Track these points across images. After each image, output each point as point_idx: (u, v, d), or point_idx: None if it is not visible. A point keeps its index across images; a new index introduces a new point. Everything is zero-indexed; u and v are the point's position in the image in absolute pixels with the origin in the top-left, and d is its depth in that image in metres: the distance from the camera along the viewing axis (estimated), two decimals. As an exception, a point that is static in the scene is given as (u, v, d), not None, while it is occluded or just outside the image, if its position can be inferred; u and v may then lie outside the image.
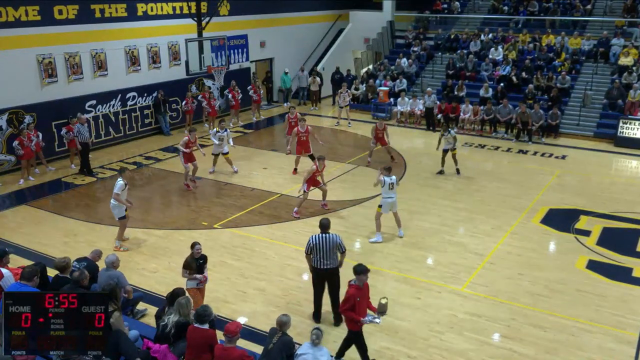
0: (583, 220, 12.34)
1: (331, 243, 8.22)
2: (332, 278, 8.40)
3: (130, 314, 8.44)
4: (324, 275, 8.37)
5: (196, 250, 8.29)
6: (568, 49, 21.90)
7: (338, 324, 8.44)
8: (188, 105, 19.68)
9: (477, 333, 8.26)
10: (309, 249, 8.33)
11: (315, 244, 8.23)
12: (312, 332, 6.38)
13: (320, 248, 8.22)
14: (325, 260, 8.26)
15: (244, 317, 8.72)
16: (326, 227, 8.38)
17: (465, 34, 24.28)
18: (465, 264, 10.37)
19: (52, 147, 16.25)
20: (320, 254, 8.25)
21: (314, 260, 8.33)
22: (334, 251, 8.26)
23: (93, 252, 8.46)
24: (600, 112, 19.53)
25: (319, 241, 8.23)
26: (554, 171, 15.70)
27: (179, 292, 7.02)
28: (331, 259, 8.27)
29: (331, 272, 8.34)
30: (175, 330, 6.56)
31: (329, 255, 8.25)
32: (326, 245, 8.21)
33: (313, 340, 6.31)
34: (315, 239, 8.26)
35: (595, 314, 8.79)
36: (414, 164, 16.30)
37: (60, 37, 16.56)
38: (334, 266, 8.34)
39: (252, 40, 21.45)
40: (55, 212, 13.02)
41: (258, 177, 15.23)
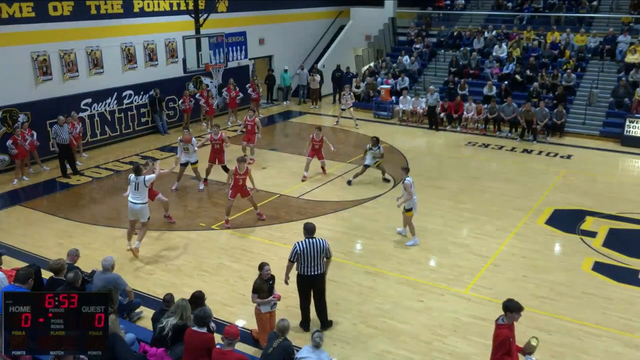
0: (589, 221, 12.33)
1: (319, 248, 7.98)
2: (319, 284, 8.22)
3: (127, 317, 8.44)
4: (310, 282, 8.15)
5: (265, 272, 7.65)
6: (573, 46, 21.89)
7: (326, 328, 8.34)
8: (185, 103, 19.68)
9: (481, 337, 8.24)
10: (294, 256, 7.99)
11: (302, 251, 7.93)
12: (314, 335, 6.36)
13: (308, 254, 7.94)
14: (311, 266, 8.00)
15: (242, 320, 8.72)
16: (312, 232, 8.11)
17: (468, 30, 24.28)
18: (469, 266, 10.36)
19: (47, 147, 16.21)
20: (307, 261, 7.97)
21: (300, 267, 8.05)
22: (321, 257, 8.03)
23: (69, 254, 8.36)
24: (606, 110, 19.52)
25: (306, 247, 7.93)
26: (559, 171, 15.70)
27: (199, 296, 6.99)
28: (318, 265, 8.04)
29: (318, 278, 8.14)
30: (172, 334, 6.55)
31: (316, 262, 8.00)
32: (313, 250, 7.96)
33: (317, 342, 6.29)
34: (302, 245, 7.95)
35: (602, 317, 8.78)
36: (416, 164, 16.27)
37: (55, 34, 16.57)
38: (321, 272, 8.13)
39: (251, 37, 21.51)
40: (49, 212, 13.01)
41: (257, 177, 15.19)
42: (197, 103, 20.01)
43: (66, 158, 15.29)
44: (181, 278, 9.97)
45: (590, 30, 22.71)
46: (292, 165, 16.05)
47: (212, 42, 17.17)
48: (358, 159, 16.63)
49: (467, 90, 20.96)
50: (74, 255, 8.39)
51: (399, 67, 23.44)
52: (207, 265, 10.43)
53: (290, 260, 8.08)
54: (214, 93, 20.74)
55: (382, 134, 19.31)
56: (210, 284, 9.73)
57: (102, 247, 11.09)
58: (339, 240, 11.47)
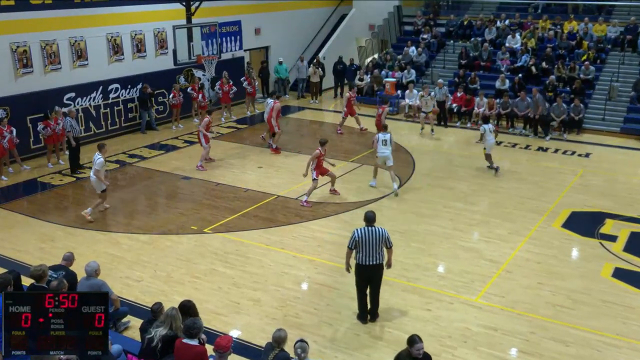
0: (609, 224, 12.34)
1: (378, 237, 8.29)
2: (376, 275, 8.53)
3: (113, 327, 8.44)
4: (369, 272, 8.46)
5: (416, 350, 6.36)
6: (592, 37, 21.89)
7: (374, 320, 8.74)
8: (176, 98, 19.68)
9: (493, 348, 8.25)
10: (352, 243, 8.35)
11: (360, 238, 8.26)
12: (297, 346, 6.31)
13: (366, 242, 8.27)
14: (370, 256, 8.34)
15: (237, 331, 8.72)
16: (372, 220, 8.44)
17: (479, 20, 24.27)
18: (480, 272, 10.36)
19: (27, 144, 16.25)
20: (366, 249, 8.30)
21: (358, 257, 8.39)
22: (380, 246, 8.33)
23: (65, 257, 8.44)
24: (627, 105, 19.53)
25: (365, 234, 8.28)
26: (577, 170, 15.70)
27: (188, 305, 7.03)
28: (377, 255, 8.36)
29: (376, 268, 8.44)
30: (162, 345, 6.55)
31: (375, 251, 8.32)
32: (373, 239, 8.27)
33: (299, 354, 6.26)
34: (360, 232, 8.30)
35: (623, 327, 8.78)
36: (423, 163, 16.30)
37: (36, 24, 16.56)
38: (380, 262, 8.43)
39: (247, 26, 21.50)
40: (30, 215, 13.02)
41: (252, 176, 15.24)
42: (188, 97, 19.99)
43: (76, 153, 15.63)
44: (171, 285, 9.97)
45: (610, 19, 22.73)
46: (291, 164, 16.05)
47: (204, 32, 17.19)
48: (362, 156, 16.64)
49: (479, 84, 20.97)
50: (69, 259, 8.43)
51: (405, 58, 23.44)
52: (199, 271, 10.44)
53: (349, 247, 8.46)
54: (206, 87, 20.75)
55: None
56: (202, 291, 9.74)
57: (86, 250, 11.10)
58: (340, 244, 11.44)
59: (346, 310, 9.17)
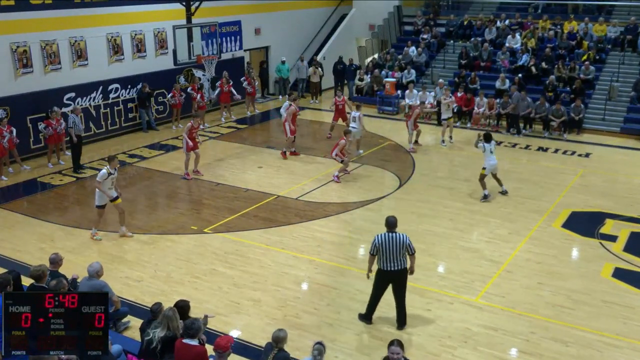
0: (609, 224, 12.34)
1: (399, 243, 8.30)
2: (400, 279, 8.54)
3: (113, 327, 8.44)
4: (391, 277, 8.48)
5: (390, 352, 6.32)
6: (592, 37, 21.89)
7: (402, 327, 8.64)
8: (175, 98, 19.67)
9: (493, 348, 8.25)
10: (373, 249, 8.38)
11: (380, 244, 8.29)
12: (314, 347, 6.34)
13: (387, 248, 8.29)
14: (392, 262, 8.34)
15: (237, 331, 8.72)
16: (393, 226, 8.45)
17: (479, 20, 24.27)
18: (480, 272, 10.36)
19: (27, 144, 16.24)
20: (387, 255, 8.31)
21: (380, 262, 8.41)
22: (401, 252, 8.35)
23: (51, 259, 8.36)
24: (627, 105, 19.52)
25: (386, 240, 8.30)
26: (577, 170, 15.70)
27: (183, 306, 7.01)
28: (399, 261, 8.37)
29: (399, 273, 8.45)
30: (162, 346, 6.54)
31: (396, 257, 8.32)
32: (393, 245, 8.29)
33: (315, 356, 6.27)
34: (380, 238, 8.32)
35: (623, 327, 8.77)
36: (423, 163, 16.29)
37: (36, 24, 16.56)
38: (402, 267, 8.43)
39: (246, 26, 21.50)
40: (30, 215, 13.02)
41: (252, 176, 15.24)
42: (188, 97, 19.98)
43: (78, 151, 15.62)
44: (171, 285, 9.97)
45: (611, 19, 22.71)
46: (291, 164, 16.06)
47: (204, 32, 17.20)
48: (362, 156, 16.64)
49: (479, 84, 20.97)
50: (58, 261, 8.38)
51: (405, 58, 23.44)
52: (199, 272, 10.44)
53: (370, 253, 8.45)
54: (206, 87, 20.74)
55: (387, 131, 19.43)
56: (202, 291, 9.74)
57: (85, 251, 11.09)
58: (341, 244, 11.49)
59: (346, 310, 9.16)
